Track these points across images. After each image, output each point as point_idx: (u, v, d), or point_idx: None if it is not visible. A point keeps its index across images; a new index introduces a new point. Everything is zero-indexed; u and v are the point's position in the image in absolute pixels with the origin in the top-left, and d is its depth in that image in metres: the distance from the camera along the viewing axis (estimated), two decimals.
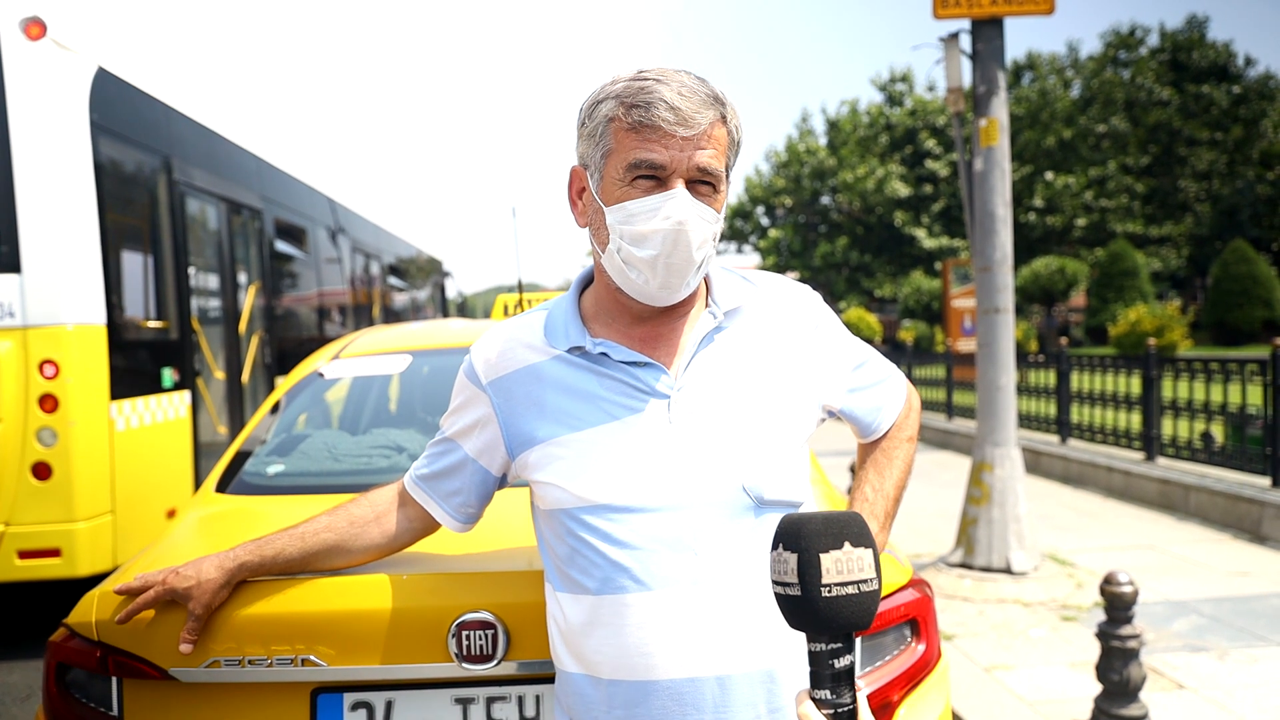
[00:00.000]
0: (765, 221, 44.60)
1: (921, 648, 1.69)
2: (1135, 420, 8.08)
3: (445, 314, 16.72)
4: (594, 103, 1.27)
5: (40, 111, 4.48)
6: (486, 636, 1.49)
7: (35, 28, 4.42)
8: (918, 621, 1.71)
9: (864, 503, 1.48)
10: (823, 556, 0.91)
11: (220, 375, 6.30)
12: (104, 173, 4.77)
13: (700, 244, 1.25)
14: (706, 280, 1.38)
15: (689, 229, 1.22)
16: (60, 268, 4.54)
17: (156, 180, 5.51)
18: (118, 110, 5.00)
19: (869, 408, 1.49)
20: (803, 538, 0.93)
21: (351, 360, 2.65)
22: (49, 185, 4.49)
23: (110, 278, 4.79)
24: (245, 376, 6.70)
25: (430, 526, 1.51)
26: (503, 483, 1.45)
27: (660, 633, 1.23)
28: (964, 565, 5.25)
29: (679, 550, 1.23)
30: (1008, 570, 5.09)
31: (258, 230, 7.10)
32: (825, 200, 41.09)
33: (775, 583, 0.94)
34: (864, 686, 1.61)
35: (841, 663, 0.93)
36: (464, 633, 1.49)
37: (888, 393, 1.51)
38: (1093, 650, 3.87)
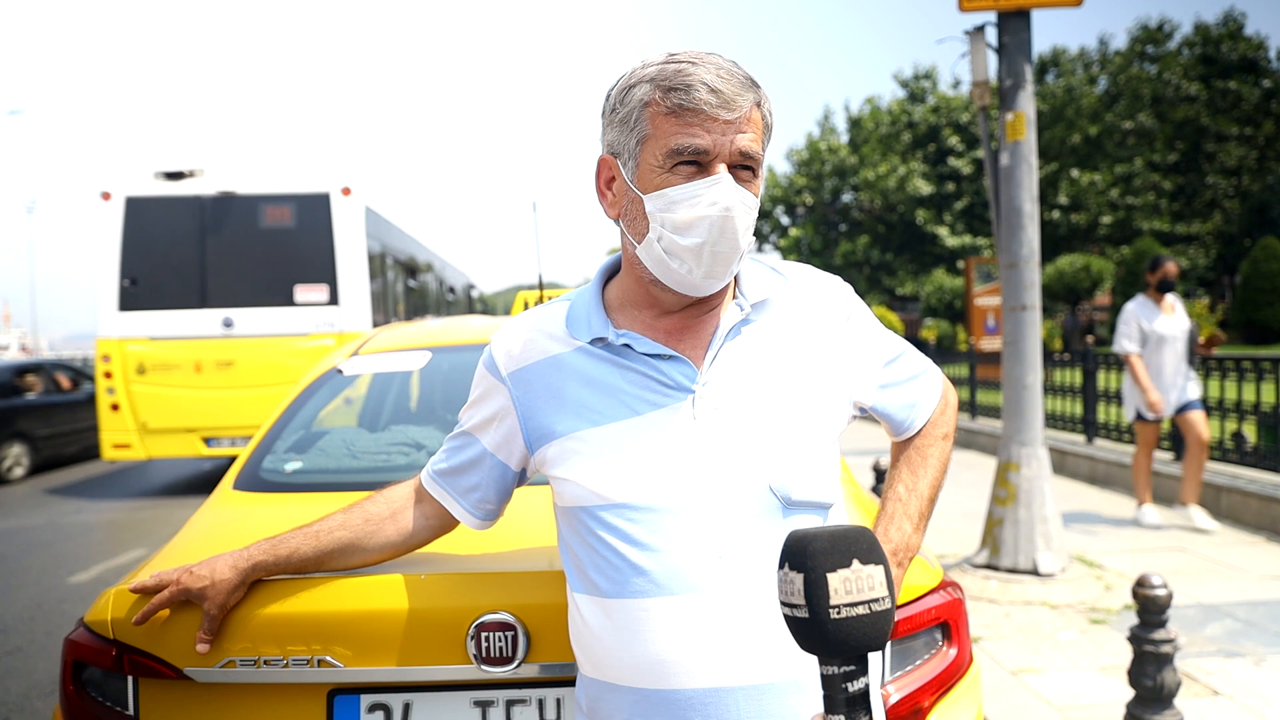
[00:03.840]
0: (785, 220, 44.41)
1: (953, 652, 1.64)
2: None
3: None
4: (626, 87, 1.22)
5: (347, 228, 8.99)
6: (506, 638, 1.46)
7: (346, 191, 9.00)
8: (949, 625, 1.66)
9: (897, 502, 1.41)
10: (830, 576, 0.86)
11: None
12: (369, 255, 9.38)
13: (745, 230, 1.21)
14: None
15: (735, 215, 1.18)
16: (355, 302, 9.06)
17: (383, 255, 10.63)
18: (370, 222, 9.57)
19: (902, 404, 1.42)
20: (808, 556, 0.87)
21: (371, 357, 2.63)
22: (350, 264, 8.98)
23: (372, 307, 9.43)
24: None
25: (449, 524, 1.48)
26: (522, 478, 1.41)
27: (682, 640, 1.17)
28: (989, 566, 5.17)
29: (702, 553, 1.18)
30: (1034, 572, 5.00)
31: (409, 273, 12.58)
32: (846, 198, 40.84)
33: (783, 604, 0.89)
34: (893, 694, 1.57)
35: (855, 686, 0.87)
36: (483, 634, 1.46)
37: (922, 388, 1.45)
38: (1123, 654, 3.79)
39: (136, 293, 8.88)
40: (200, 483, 10.13)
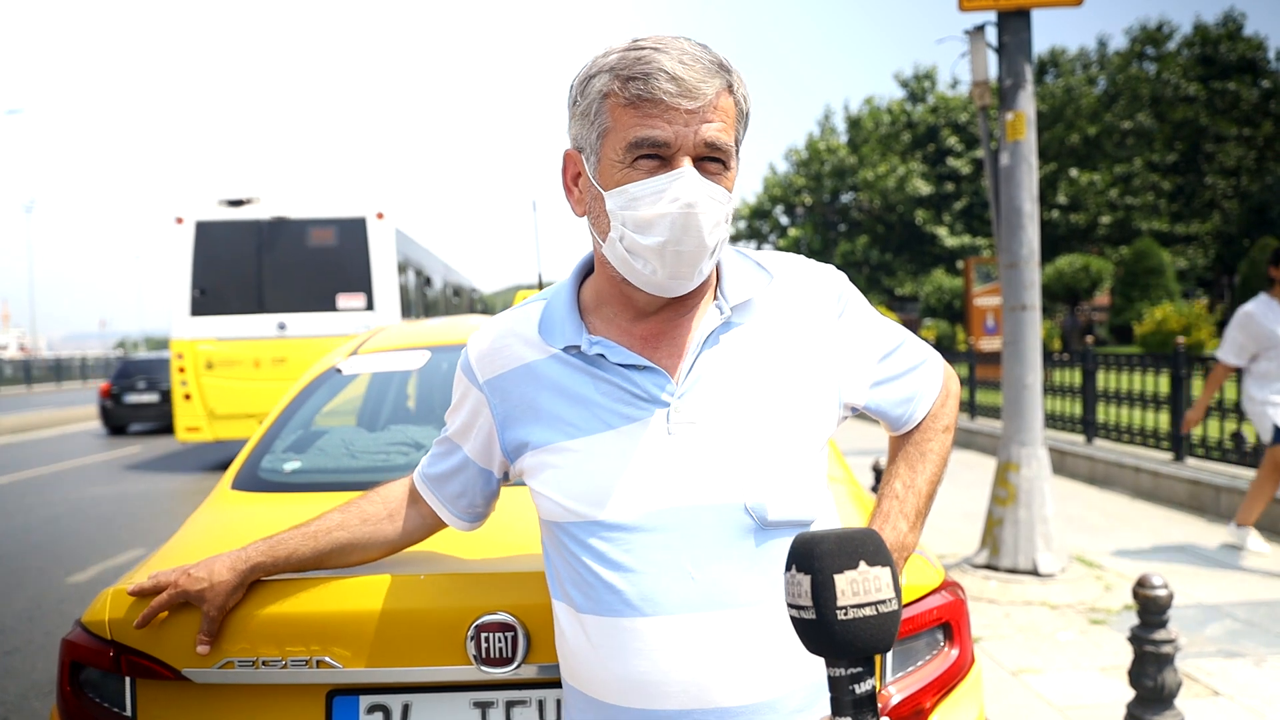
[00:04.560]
0: (784, 220, 44.44)
1: (955, 653, 1.63)
2: (1163, 420, 7.94)
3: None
4: (585, 78, 1.16)
5: (380, 245, 10.64)
6: (506, 639, 1.45)
7: (380, 215, 10.63)
8: (950, 625, 1.65)
9: (894, 499, 1.36)
10: (837, 578, 0.86)
11: None
12: (398, 266, 11.04)
13: (713, 227, 1.13)
14: (718, 269, 1.27)
15: (699, 211, 1.11)
16: (387, 307, 10.62)
17: (406, 266, 12.26)
18: (399, 241, 11.31)
19: (900, 399, 1.35)
20: (815, 558, 0.86)
21: (370, 356, 2.62)
22: (383, 275, 10.60)
23: (401, 309, 10.99)
24: None
25: (443, 522, 1.48)
26: (506, 480, 1.39)
27: (654, 662, 1.15)
28: (989, 567, 5.17)
29: (675, 574, 1.15)
30: (1034, 572, 5.00)
31: (425, 281, 14.54)
32: (845, 198, 40.88)
33: (790, 605, 0.89)
34: (895, 694, 1.56)
35: (862, 688, 0.87)
36: (483, 635, 1.45)
37: (921, 380, 1.37)
38: (1123, 654, 3.78)
39: (205, 301, 10.61)
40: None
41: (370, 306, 10.66)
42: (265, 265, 10.64)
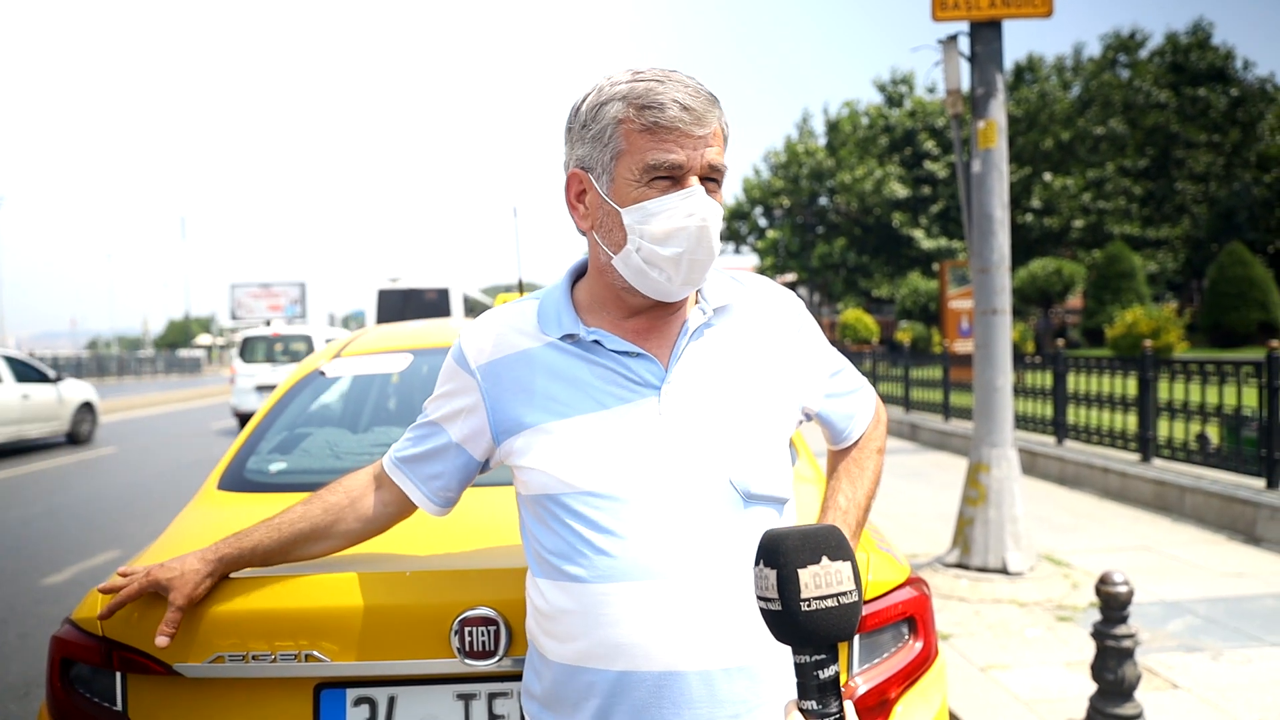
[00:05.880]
0: (763, 222, 44.64)
1: (919, 645, 1.71)
2: (1131, 422, 8.11)
3: None
4: (596, 105, 1.27)
5: (456, 298, 17.70)
6: (489, 633, 1.51)
7: (455, 285, 17.96)
8: (915, 619, 1.72)
9: (837, 511, 1.48)
10: (801, 572, 0.92)
11: None
12: (465, 307, 18.07)
13: (717, 238, 1.27)
14: None
15: (710, 225, 1.25)
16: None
17: (466, 303, 18.15)
18: (465, 295, 18.29)
19: (843, 414, 1.52)
20: (781, 553, 0.93)
21: (353, 359, 2.66)
22: (457, 310, 17.52)
23: None
24: None
25: (407, 509, 1.51)
26: (485, 467, 1.45)
27: (643, 624, 1.23)
28: (960, 565, 5.27)
29: (664, 542, 1.24)
30: (1004, 570, 5.11)
31: (471, 307, 18.78)
32: (823, 201, 41.11)
33: (758, 598, 0.95)
34: (861, 685, 1.64)
35: (826, 673, 0.94)
36: (466, 629, 1.51)
37: (860, 402, 1.55)
38: (1088, 650, 3.89)
39: (382, 321, 17.34)
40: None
41: None
42: (406, 307, 18.25)
